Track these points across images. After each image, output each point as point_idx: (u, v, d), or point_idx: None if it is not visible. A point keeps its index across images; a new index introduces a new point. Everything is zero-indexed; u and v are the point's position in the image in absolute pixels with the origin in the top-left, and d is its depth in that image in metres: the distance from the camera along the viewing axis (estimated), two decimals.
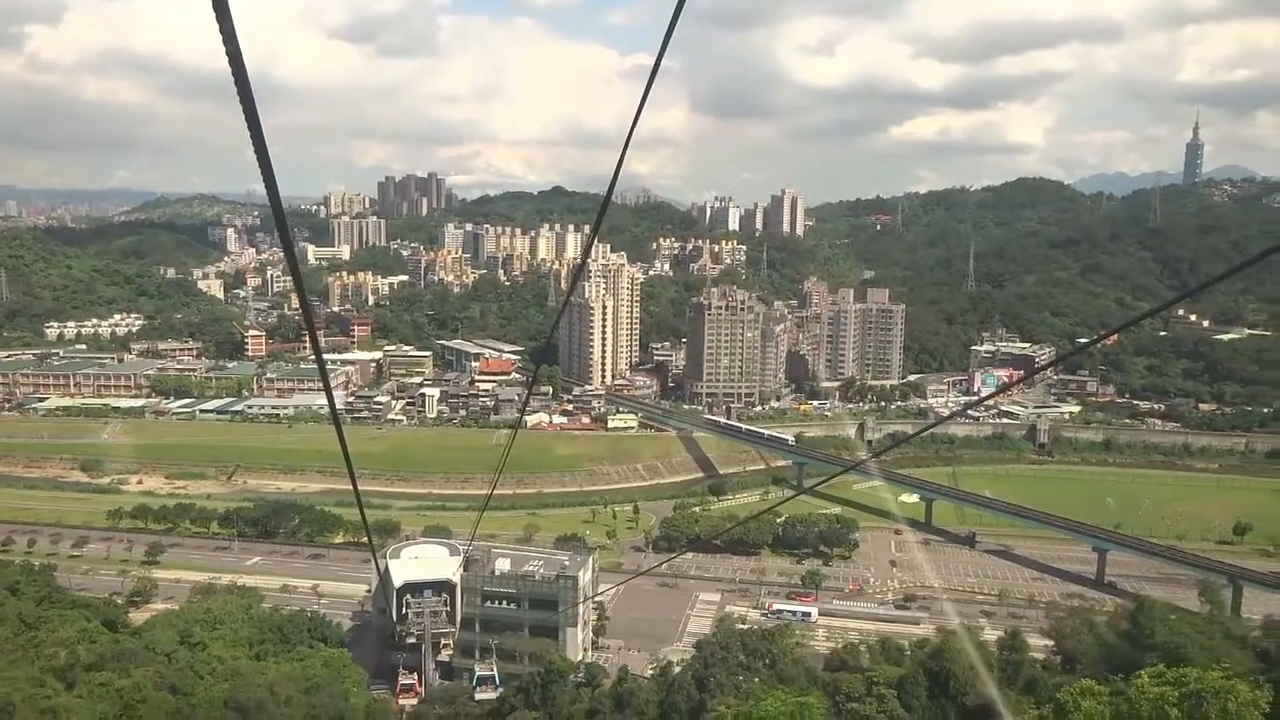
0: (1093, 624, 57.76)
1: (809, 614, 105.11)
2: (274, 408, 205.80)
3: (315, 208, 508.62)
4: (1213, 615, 61.45)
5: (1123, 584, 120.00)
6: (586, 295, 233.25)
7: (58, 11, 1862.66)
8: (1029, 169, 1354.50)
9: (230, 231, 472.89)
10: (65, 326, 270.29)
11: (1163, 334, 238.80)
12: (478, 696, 77.73)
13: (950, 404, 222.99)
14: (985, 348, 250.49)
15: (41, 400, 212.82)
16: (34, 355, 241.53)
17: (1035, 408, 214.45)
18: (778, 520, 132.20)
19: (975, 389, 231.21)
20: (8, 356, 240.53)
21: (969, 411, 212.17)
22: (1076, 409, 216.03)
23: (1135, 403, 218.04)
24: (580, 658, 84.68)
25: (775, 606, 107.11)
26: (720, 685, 47.38)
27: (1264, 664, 36.00)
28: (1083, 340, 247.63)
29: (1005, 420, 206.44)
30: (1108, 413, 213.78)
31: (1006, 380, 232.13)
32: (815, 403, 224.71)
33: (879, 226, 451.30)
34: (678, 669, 59.58)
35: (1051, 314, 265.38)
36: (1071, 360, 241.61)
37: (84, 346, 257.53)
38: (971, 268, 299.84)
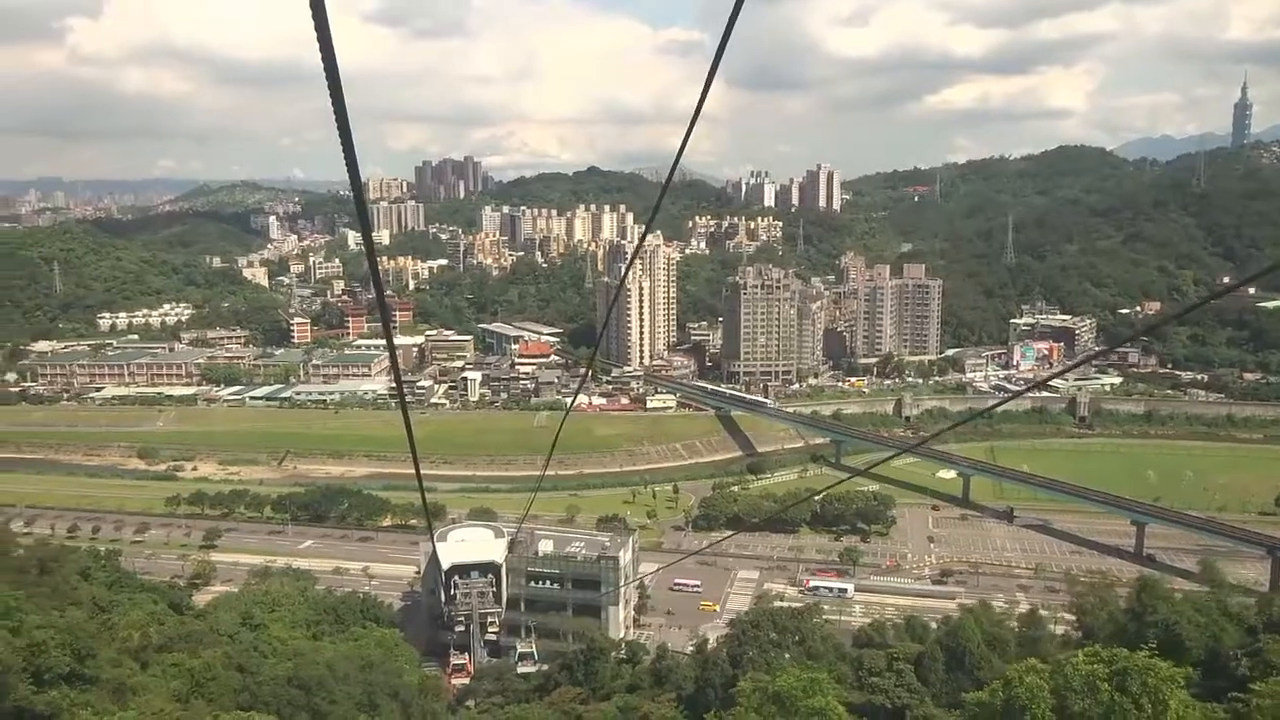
0: (1106, 600, 59.09)
1: (845, 590, 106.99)
2: (321, 394, 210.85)
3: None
4: (1212, 591, 62.55)
5: (1162, 557, 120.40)
6: (622, 275, 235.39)
7: (98, 4, 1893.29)
8: (1071, 135, 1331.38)
9: (272, 219, 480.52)
10: (117, 317, 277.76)
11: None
12: (519, 670, 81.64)
13: (989, 377, 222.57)
14: (1024, 320, 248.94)
15: (98, 390, 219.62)
16: (89, 346, 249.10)
17: (1075, 380, 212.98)
18: (815, 498, 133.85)
19: (1014, 362, 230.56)
20: (64, 348, 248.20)
21: (1009, 386, 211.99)
22: (1118, 381, 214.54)
23: (1178, 373, 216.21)
24: (622, 635, 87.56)
25: (812, 583, 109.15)
26: (753, 661, 49.73)
27: (1250, 638, 37.43)
28: (1124, 311, 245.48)
29: (1045, 394, 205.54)
30: (1150, 384, 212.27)
31: (1046, 352, 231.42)
32: (853, 379, 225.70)
33: (917, 198, 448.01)
34: (714, 646, 62.27)
35: (1093, 284, 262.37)
36: (1111, 330, 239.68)
37: (136, 336, 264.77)
38: (1010, 238, 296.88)
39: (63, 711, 30.79)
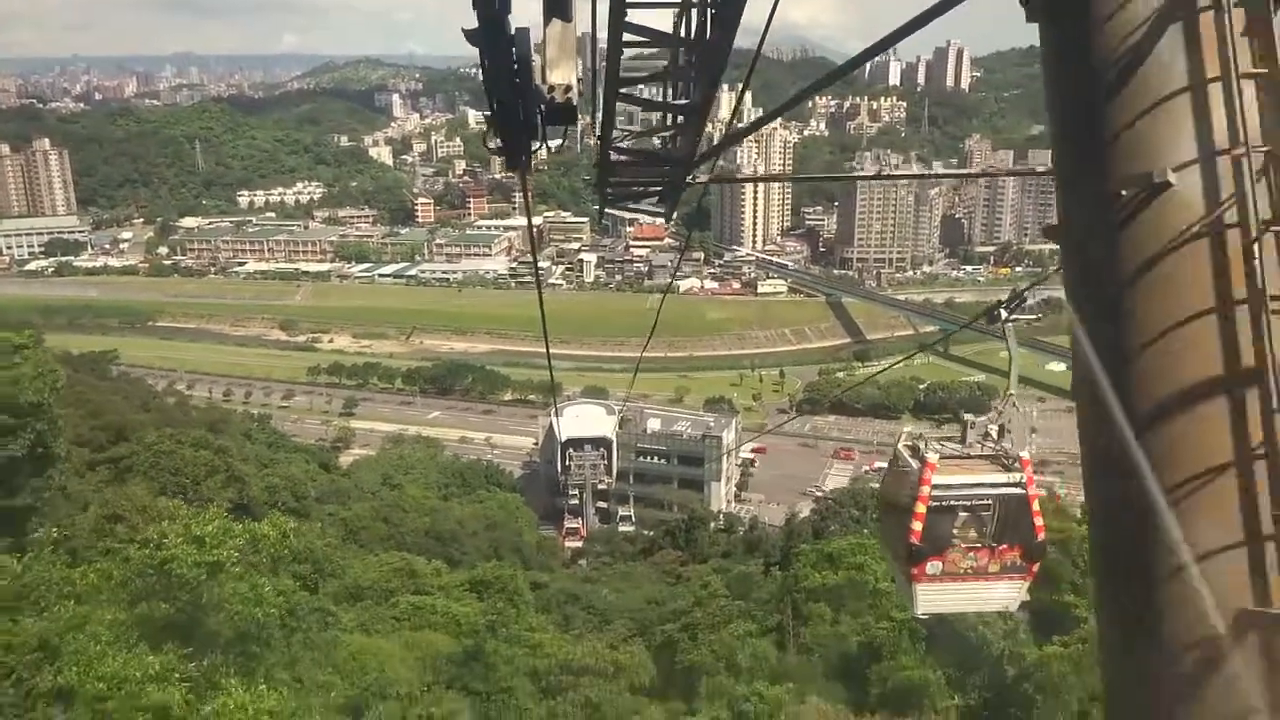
0: None
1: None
2: (444, 272, 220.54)
3: (475, 70, 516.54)
4: None
5: None
6: (738, 159, 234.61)
7: None
8: None
9: (395, 97, 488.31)
10: (255, 195, 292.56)
11: None
12: (619, 529, 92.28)
13: None
14: None
15: (241, 264, 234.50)
16: (231, 223, 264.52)
17: None
18: (920, 386, 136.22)
19: None
20: (209, 224, 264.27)
21: None
22: None
23: None
24: (722, 508, 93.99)
25: (877, 464, 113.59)
26: (834, 534, 54.59)
27: None
28: None
29: None
30: None
31: None
32: (970, 268, 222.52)
33: None
34: (801, 520, 67.71)
35: None
36: None
37: (273, 214, 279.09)
38: None
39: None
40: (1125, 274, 3.01)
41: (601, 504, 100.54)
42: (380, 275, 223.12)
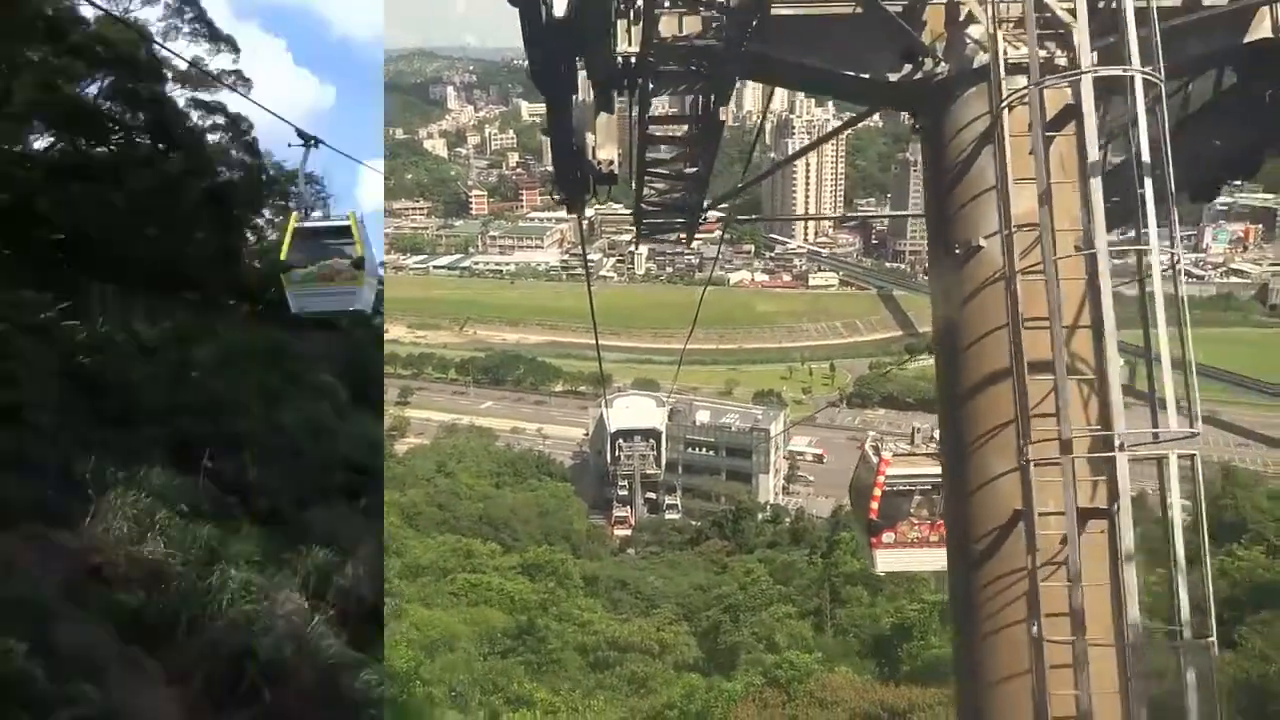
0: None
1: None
2: (497, 264, 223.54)
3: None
4: None
5: None
6: (789, 151, 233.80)
7: None
8: None
9: (449, 89, 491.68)
10: None
11: None
12: (665, 517, 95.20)
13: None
14: (1220, 199, 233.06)
15: None
16: None
17: (1271, 265, 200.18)
18: None
19: (1204, 245, 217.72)
20: None
21: (1194, 271, 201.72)
22: None
23: None
24: (769, 500, 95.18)
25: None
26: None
27: None
28: None
29: (1234, 279, 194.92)
30: None
31: (1241, 235, 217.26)
32: None
33: None
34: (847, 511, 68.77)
35: None
36: None
37: None
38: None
39: None
40: (959, 300, 4.89)
41: (650, 494, 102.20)
42: (434, 267, 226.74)
